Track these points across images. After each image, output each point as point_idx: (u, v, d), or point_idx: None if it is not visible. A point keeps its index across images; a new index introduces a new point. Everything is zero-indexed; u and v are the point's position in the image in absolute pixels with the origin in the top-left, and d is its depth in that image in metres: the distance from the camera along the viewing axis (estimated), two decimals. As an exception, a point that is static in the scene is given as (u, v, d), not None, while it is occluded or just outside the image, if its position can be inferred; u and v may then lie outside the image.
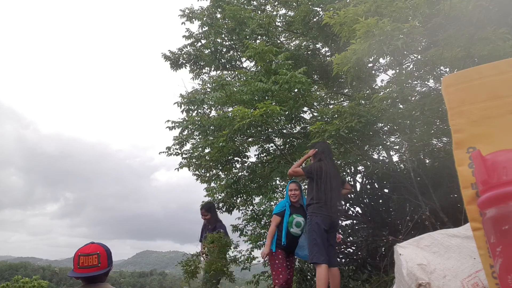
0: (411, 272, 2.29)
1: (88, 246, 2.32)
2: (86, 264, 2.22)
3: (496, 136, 1.76)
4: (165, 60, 9.43)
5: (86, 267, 2.22)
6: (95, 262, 2.23)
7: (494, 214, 1.54)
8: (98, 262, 2.24)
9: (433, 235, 2.58)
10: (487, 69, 1.92)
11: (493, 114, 1.80)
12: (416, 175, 5.64)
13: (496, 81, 1.85)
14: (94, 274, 2.22)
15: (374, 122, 5.53)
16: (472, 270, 2.18)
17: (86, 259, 2.23)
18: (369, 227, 6.48)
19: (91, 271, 2.22)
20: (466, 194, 1.77)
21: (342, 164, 7.01)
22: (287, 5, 9.30)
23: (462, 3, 4.11)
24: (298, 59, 8.05)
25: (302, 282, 6.53)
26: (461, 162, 1.80)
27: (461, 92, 1.92)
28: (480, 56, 4.05)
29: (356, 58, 4.58)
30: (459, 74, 2.06)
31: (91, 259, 2.22)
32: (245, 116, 5.97)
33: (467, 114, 1.86)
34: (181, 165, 8.50)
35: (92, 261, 2.22)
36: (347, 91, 8.73)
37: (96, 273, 2.22)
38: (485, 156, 1.67)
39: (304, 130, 7.77)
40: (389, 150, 7.15)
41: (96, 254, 2.25)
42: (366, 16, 4.54)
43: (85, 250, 2.27)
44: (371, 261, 6.11)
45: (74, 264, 2.27)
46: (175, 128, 8.05)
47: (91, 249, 2.28)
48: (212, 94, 6.87)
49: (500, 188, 1.54)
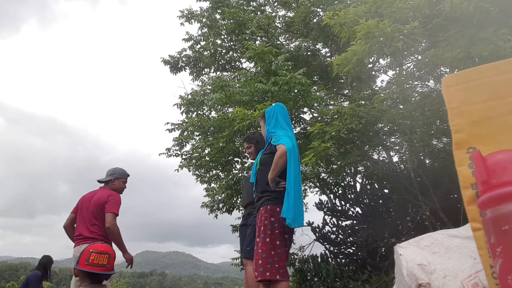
0: (411, 272, 2.29)
1: (100, 245, 2.31)
2: (96, 262, 2.20)
3: (496, 136, 1.76)
4: (164, 64, 9.46)
5: (95, 265, 2.19)
6: (105, 262, 2.22)
7: (494, 215, 1.53)
8: (107, 262, 2.23)
9: (433, 235, 2.57)
10: (488, 69, 1.92)
11: (493, 114, 1.80)
12: (416, 176, 5.64)
13: (497, 81, 1.85)
14: (102, 273, 2.20)
15: (374, 122, 5.53)
16: (472, 271, 2.18)
17: (97, 256, 2.20)
18: (369, 228, 6.48)
19: (100, 270, 2.20)
20: (466, 194, 1.77)
21: (342, 164, 7.01)
22: (287, 6, 9.31)
23: (462, 4, 4.12)
24: (298, 60, 8.07)
25: (302, 282, 6.53)
26: (461, 163, 1.80)
27: (461, 92, 1.92)
28: (480, 57, 4.05)
29: (356, 59, 4.58)
30: (459, 74, 2.05)
31: (102, 258, 2.21)
32: (245, 117, 5.98)
33: (467, 115, 1.86)
34: (181, 165, 8.51)
35: (103, 260, 2.21)
36: (347, 92, 8.74)
37: (103, 273, 2.21)
38: (485, 156, 1.67)
39: (304, 131, 7.78)
40: (389, 150, 7.16)
41: (108, 254, 2.24)
42: (366, 17, 4.54)
43: (98, 248, 2.25)
44: (371, 261, 6.11)
45: (82, 259, 2.21)
46: (174, 130, 8.07)
47: (103, 248, 2.27)
48: (211, 95, 6.89)
49: (500, 188, 1.54)
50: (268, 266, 2.82)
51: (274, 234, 2.90)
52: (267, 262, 2.83)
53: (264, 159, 3.21)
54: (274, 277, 2.81)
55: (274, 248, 2.87)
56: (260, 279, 2.85)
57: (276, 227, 2.92)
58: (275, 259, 2.84)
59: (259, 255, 2.88)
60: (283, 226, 2.93)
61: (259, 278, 2.84)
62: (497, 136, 1.76)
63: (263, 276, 2.82)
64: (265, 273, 2.81)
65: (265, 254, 2.85)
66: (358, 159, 6.41)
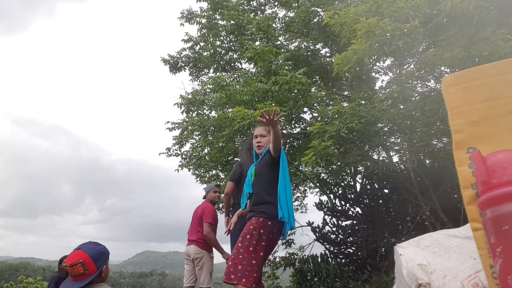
0: (411, 272, 2.29)
1: (71, 255, 2.23)
2: (74, 274, 2.16)
3: (496, 136, 1.75)
4: (164, 64, 9.46)
5: (76, 276, 2.17)
6: (81, 271, 2.16)
7: (494, 215, 1.53)
8: (84, 270, 2.16)
9: (433, 235, 2.57)
10: (488, 69, 1.91)
11: (493, 114, 1.80)
12: (416, 176, 5.64)
13: (497, 82, 1.85)
14: (86, 282, 2.17)
15: (374, 122, 5.53)
16: (472, 271, 2.18)
17: (72, 270, 2.16)
18: (369, 228, 6.49)
19: (81, 278, 2.17)
20: (466, 194, 1.76)
21: (342, 164, 7.01)
22: (287, 6, 9.31)
23: (462, 4, 4.11)
24: (298, 60, 8.06)
25: (302, 282, 6.53)
26: (461, 163, 1.80)
27: (461, 92, 1.92)
28: (480, 57, 4.05)
29: (356, 58, 4.58)
30: (459, 74, 2.05)
31: (76, 269, 2.16)
32: (245, 116, 5.98)
33: (467, 115, 1.86)
34: (181, 165, 8.51)
35: (77, 270, 2.16)
36: (347, 93, 8.74)
37: (87, 280, 2.17)
38: (485, 156, 1.67)
39: (304, 130, 7.78)
40: (389, 150, 7.16)
41: (80, 263, 2.16)
42: (366, 16, 4.54)
43: (69, 261, 2.19)
44: (371, 261, 6.11)
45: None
46: (175, 129, 8.07)
47: (74, 258, 2.19)
48: (212, 95, 6.89)
49: (500, 188, 1.53)
50: (246, 273, 2.88)
51: (260, 245, 2.95)
52: (245, 269, 2.88)
53: (259, 168, 3.25)
54: (250, 285, 2.86)
55: (256, 258, 2.93)
56: (235, 282, 2.89)
57: (264, 240, 2.97)
58: (254, 269, 2.90)
59: (239, 260, 2.92)
60: (269, 240, 3.01)
61: (235, 281, 2.88)
62: (497, 136, 1.75)
63: (239, 281, 2.87)
64: (241, 279, 2.86)
65: (246, 261, 2.91)
66: (358, 159, 6.41)
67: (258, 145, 3.38)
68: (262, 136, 3.39)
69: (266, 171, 3.16)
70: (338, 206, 7.24)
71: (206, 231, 4.61)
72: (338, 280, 5.90)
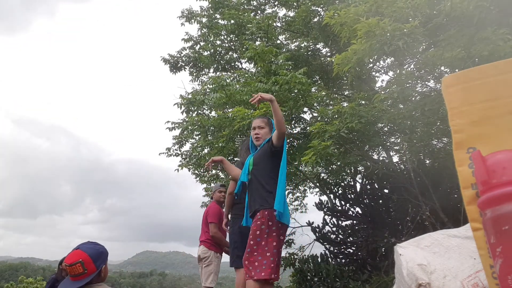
0: (411, 272, 2.29)
1: (70, 255, 2.24)
2: (73, 273, 2.17)
3: (496, 136, 1.75)
4: (164, 63, 9.46)
5: (75, 276, 2.18)
6: (80, 270, 2.17)
7: (494, 215, 1.53)
8: (83, 269, 2.18)
9: (433, 235, 2.57)
10: (488, 69, 1.91)
11: (493, 114, 1.80)
12: (416, 176, 5.64)
13: (497, 82, 1.85)
14: (85, 282, 2.18)
15: (374, 122, 5.53)
16: (472, 271, 2.18)
17: (71, 269, 2.17)
18: (369, 228, 6.48)
19: (81, 278, 2.18)
20: (466, 194, 1.76)
21: (342, 164, 7.01)
22: (287, 5, 9.31)
23: (462, 4, 4.11)
24: (298, 60, 8.06)
25: (302, 282, 6.53)
26: (461, 163, 1.80)
27: (461, 92, 1.92)
28: (480, 57, 4.05)
29: (356, 58, 4.58)
30: (459, 74, 2.05)
31: (76, 269, 2.17)
32: (245, 116, 5.98)
33: (467, 115, 1.86)
34: (181, 165, 8.51)
35: (76, 270, 2.17)
36: (347, 93, 8.74)
37: (86, 279, 2.18)
38: (485, 156, 1.67)
39: (304, 130, 7.78)
40: (389, 150, 7.16)
41: (79, 263, 2.18)
42: (367, 16, 4.54)
43: (68, 260, 2.21)
44: (371, 261, 6.11)
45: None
46: (175, 128, 8.07)
47: (73, 258, 2.21)
48: (212, 95, 6.89)
49: (500, 188, 1.53)
50: (263, 267, 2.92)
51: (272, 237, 2.98)
52: (262, 264, 2.93)
53: (258, 158, 3.25)
54: (269, 276, 2.92)
55: (270, 250, 2.96)
56: (256, 278, 2.93)
57: (274, 230, 3.00)
58: (270, 259, 2.94)
59: (254, 257, 2.96)
60: (279, 229, 3.03)
61: (255, 278, 2.93)
62: (497, 136, 1.75)
63: (259, 276, 2.92)
64: (260, 273, 2.91)
65: (260, 256, 2.95)
66: (358, 159, 6.41)
67: (256, 136, 3.37)
68: (260, 127, 3.38)
69: (266, 161, 3.16)
70: (338, 206, 7.23)
71: (212, 232, 4.67)
72: (338, 280, 5.90)
